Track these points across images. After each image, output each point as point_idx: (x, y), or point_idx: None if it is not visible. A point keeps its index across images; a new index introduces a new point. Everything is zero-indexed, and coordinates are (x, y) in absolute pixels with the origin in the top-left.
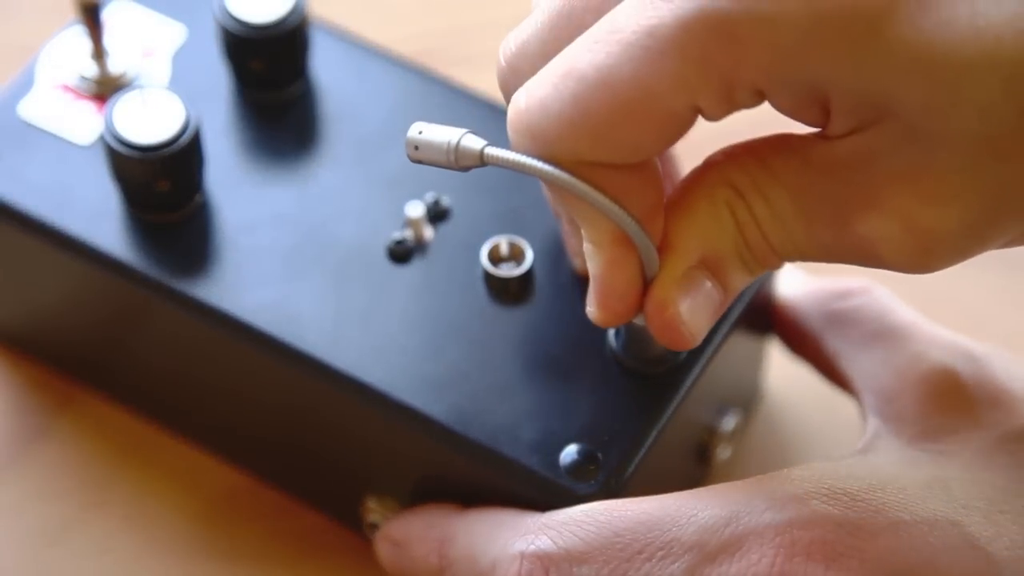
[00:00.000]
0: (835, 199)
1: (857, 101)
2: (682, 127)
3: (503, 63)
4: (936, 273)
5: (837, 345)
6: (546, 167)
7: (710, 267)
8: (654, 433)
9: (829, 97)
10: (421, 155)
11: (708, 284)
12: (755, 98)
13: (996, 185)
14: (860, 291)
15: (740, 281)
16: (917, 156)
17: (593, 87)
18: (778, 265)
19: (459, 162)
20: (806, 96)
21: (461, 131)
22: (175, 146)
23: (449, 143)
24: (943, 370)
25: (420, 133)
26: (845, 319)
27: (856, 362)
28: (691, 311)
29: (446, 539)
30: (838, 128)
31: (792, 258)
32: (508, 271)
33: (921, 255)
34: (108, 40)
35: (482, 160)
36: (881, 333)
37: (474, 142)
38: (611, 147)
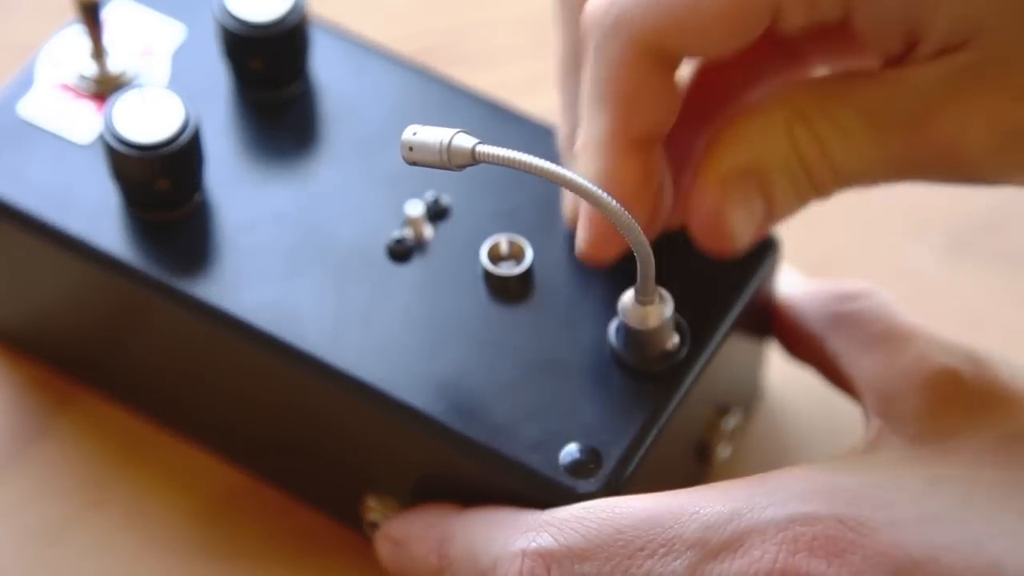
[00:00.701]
0: (911, 108)
1: (952, 26)
2: (756, 26)
3: None
4: (936, 273)
5: (839, 347)
6: (536, 161)
7: (755, 178)
8: (654, 432)
9: (922, 22)
10: (415, 156)
11: (753, 191)
12: (837, 11)
13: None
14: (863, 294)
15: (785, 200)
16: (1007, 67)
17: None
18: (830, 191)
19: (452, 161)
20: (894, 21)
21: (453, 131)
22: (175, 145)
23: (441, 143)
24: (946, 372)
25: (414, 135)
26: (848, 321)
27: (859, 364)
28: (734, 212)
29: (446, 538)
30: (924, 52)
31: (854, 179)
32: (508, 270)
33: (1004, 153)
34: (107, 39)
35: (474, 158)
36: (884, 335)
37: (465, 140)
38: (682, 28)
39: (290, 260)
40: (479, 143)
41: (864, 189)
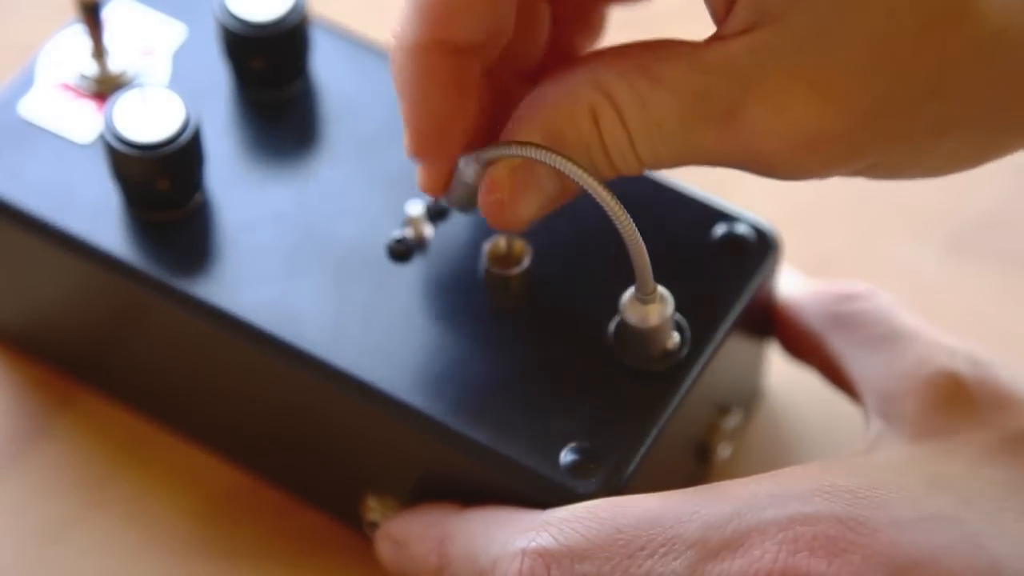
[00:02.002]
0: (724, 97)
1: None
2: None
3: None
4: (936, 273)
5: (841, 347)
6: (530, 147)
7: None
8: (654, 432)
9: None
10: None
11: (547, 177)
12: None
13: (883, 94)
14: (865, 295)
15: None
16: (816, 55)
17: None
18: (636, 172)
19: (473, 179)
20: None
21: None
22: (175, 145)
23: (459, 170)
24: (947, 373)
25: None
26: (850, 321)
27: (860, 364)
28: (524, 198)
29: (446, 537)
30: (735, 24)
31: (659, 165)
32: (508, 270)
33: (803, 152)
34: (108, 39)
35: (481, 162)
36: (886, 336)
37: (466, 163)
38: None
39: (290, 260)
40: (477, 153)
41: (863, 189)
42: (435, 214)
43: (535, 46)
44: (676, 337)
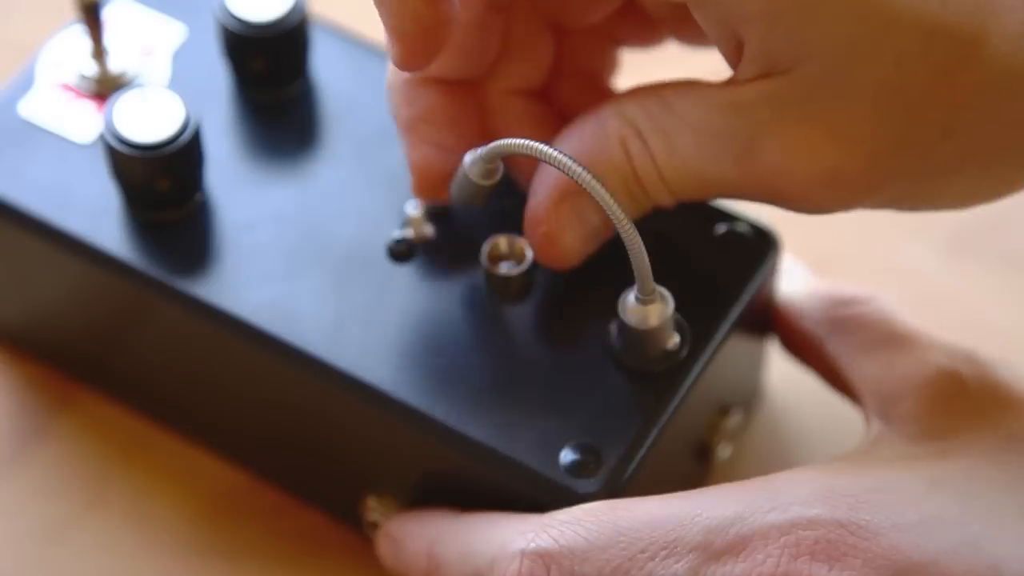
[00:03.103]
0: (740, 136)
1: (770, 49)
2: None
3: None
4: (936, 273)
5: (840, 349)
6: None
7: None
8: (655, 432)
9: (743, 40)
10: (455, 196)
11: (588, 206)
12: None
13: (897, 138)
14: (864, 299)
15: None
16: (829, 102)
17: None
18: (669, 203)
19: (478, 177)
20: (721, 27)
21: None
22: (175, 145)
23: (463, 171)
24: (947, 374)
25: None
26: (849, 324)
27: (859, 366)
28: (569, 231)
29: (437, 539)
30: (746, 73)
31: (687, 196)
32: (508, 269)
33: (822, 190)
34: (108, 39)
35: (487, 159)
36: (886, 339)
37: (471, 157)
38: None
39: (290, 260)
40: (483, 150)
41: None
42: (435, 214)
43: (537, 67)
44: (676, 337)
